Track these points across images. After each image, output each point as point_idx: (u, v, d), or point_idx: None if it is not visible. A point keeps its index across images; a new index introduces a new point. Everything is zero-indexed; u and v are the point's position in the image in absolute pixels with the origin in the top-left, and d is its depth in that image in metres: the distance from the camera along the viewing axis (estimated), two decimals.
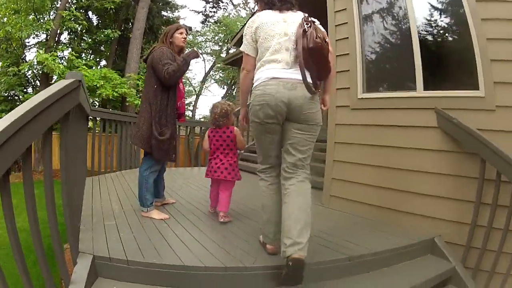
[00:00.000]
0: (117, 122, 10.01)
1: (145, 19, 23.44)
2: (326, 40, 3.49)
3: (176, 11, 33.74)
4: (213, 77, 35.51)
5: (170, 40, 5.33)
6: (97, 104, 23.37)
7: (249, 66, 3.83)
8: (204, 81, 34.72)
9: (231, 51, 30.04)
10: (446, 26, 5.64)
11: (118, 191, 7.10)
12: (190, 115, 33.78)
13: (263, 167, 3.97)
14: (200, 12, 37.98)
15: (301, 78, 3.46)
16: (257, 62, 3.75)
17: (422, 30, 5.59)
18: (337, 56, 6.31)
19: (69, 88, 3.19)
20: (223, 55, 33.12)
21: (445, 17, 5.63)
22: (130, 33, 24.02)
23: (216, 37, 33.42)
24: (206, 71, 34.32)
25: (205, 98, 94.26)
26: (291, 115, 3.58)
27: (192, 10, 50.18)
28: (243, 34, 3.89)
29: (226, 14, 36.84)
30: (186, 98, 33.15)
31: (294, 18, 3.68)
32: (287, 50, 3.55)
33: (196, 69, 58.99)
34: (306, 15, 3.64)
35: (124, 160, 10.22)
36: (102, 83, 18.71)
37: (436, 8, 5.62)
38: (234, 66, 23.51)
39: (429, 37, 5.71)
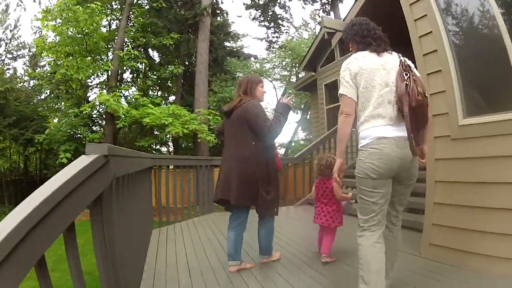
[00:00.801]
0: (187, 167, 9.45)
1: (208, 52, 23.26)
2: (426, 94, 3.40)
3: (239, 40, 33.55)
4: None
5: (253, 92, 5.16)
6: (169, 139, 23.26)
7: (350, 110, 3.57)
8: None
9: (300, 75, 29.33)
10: None
11: (188, 247, 6.47)
12: None
13: (369, 224, 3.58)
14: (263, 38, 38.00)
15: (406, 136, 3.38)
16: (359, 113, 3.60)
17: None
18: (428, 74, 5.49)
19: (90, 170, 2.28)
20: (293, 79, 32.41)
21: None
22: (194, 67, 23.87)
23: (284, 62, 32.73)
24: (278, 99, 33.24)
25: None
26: (400, 171, 3.54)
27: (255, 38, 49.84)
28: (340, 76, 3.66)
29: (289, 37, 36.39)
30: None
31: (392, 63, 3.58)
32: (389, 103, 3.46)
33: (268, 97, 59.18)
34: (403, 59, 3.60)
35: (196, 200, 9.79)
36: (171, 121, 18.35)
37: None
38: (306, 91, 23.12)
39: None
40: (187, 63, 27.28)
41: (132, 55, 20.83)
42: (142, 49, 24.67)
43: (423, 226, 5.62)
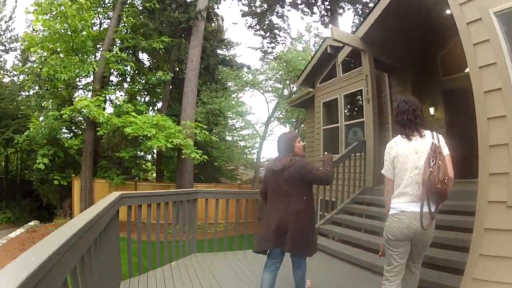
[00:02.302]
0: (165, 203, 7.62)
1: (199, 59, 22.27)
2: (446, 179, 4.02)
3: (232, 48, 32.42)
4: (275, 116, 33.40)
5: (295, 150, 5.55)
6: (152, 155, 22.33)
7: (390, 188, 4.47)
8: (267, 125, 31.55)
9: (294, 88, 28.18)
10: None
11: None
12: (255, 159, 31.47)
13: (390, 272, 4.41)
14: (258, 48, 36.53)
15: (425, 211, 4.10)
16: (395, 188, 4.40)
17: None
18: (489, 118, 4.70)
19: None
20: (285, 93, 31.01)
21: None
22: (184, 74, 22.88)
23: (278, 75, 31.24)
24: (270, 113, 31.58)
25: (269, 143, 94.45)
26: (416, 237, 4.25)
27: (249, 47, 48.33)
28: (384, 158, 4.52)
29: (286, 49, 34.96)
30: (251, 141, 31.96)
31: (424, 147, 4.25)
32: (416, 183, 4.20)
33: (259, 111, 57.72)
34: (435, 142, 4.19)
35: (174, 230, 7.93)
36: (154, 133, 17.23)
37: None
38: (301, 107, 21.93)
39: None
40: (177, 69, 26.20)
41: (119, 57, 20.07)
42: (131, 52, 23.69)
43: None
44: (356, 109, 15.70)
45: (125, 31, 22.34)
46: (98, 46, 22.23)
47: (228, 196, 8.60)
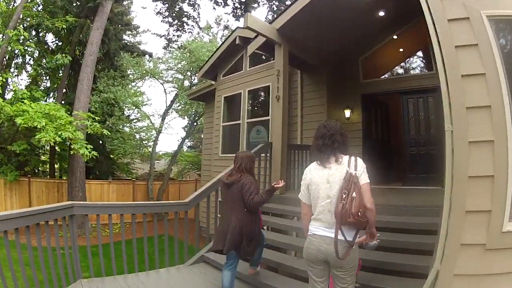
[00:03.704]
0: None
1: (100, 43, 21.07)
2: (360, 212, 4.06)
3: (138, 35, 31.18)
4: (174, 108, 32.34)
5: (250, 170, 6.44)
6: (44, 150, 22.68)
7: (306, 211, 4.68)
8: (164, 117, 30.47)
9: (196, 80, 27.21)
10: None
11: None
12: (150, 151, 29.84)
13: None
14: (163, 36, 35.62)
15: (341, 238, 4.21)
16: (313, 211, 4.53)
17: None
18: (470, 142, 3.98)
19: None
20: (186, 84, 30.07)
21: None
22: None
23: (180, 65, 30.03)
24: (168, 105, 30.40)
25: (166, 136, 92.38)
26: (329, 261, 4.33)
27: (154, 33, 47.20)
28: (301, 183, 4.68)
29: (192, 38, 34.30)
30: (146, 134, 30.55)
31: (337, 176, 4.31)
32: (329, 212, 4.31)
33: (156, 102, 56.44)
34: (350, 171, 4.20)
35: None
36: (44, 124, 15.69)
37: None
38: (201, 101, 21.40)
39: None
40: (77, 53, 24.80)
41: (22, 37, 18.41)
42: (35, 31, 22.40)
43: None
44: (261, 106, 15.27)
45: (34, 8, 20.93)
46: (7, 24, 20.23)
47: (110, 211, 7.57)
